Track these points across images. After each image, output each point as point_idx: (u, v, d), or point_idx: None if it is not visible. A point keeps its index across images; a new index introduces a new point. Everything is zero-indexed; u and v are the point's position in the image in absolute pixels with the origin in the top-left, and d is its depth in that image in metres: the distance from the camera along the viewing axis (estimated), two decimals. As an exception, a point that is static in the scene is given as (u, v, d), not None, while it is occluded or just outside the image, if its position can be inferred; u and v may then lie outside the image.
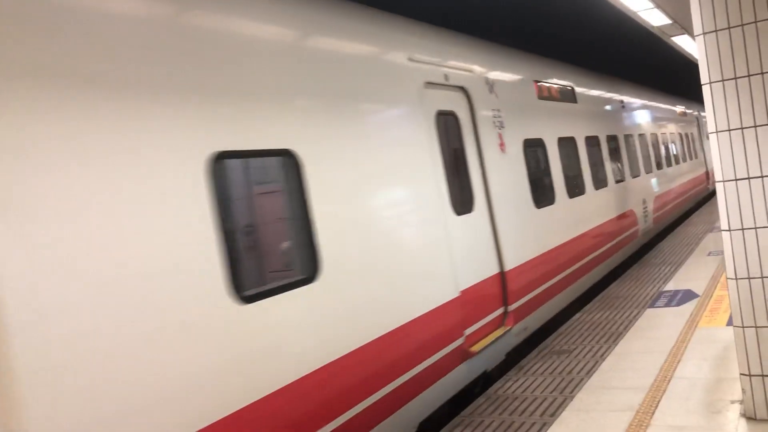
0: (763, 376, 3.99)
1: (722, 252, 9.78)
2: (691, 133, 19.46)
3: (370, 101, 4.81)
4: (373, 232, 4.48)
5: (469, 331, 5.38)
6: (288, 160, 3.89)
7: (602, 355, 5.79)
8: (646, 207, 11.83)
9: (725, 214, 4.01)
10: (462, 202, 5.69)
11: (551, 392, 5.08)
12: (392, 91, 5.04)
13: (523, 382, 5.41)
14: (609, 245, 9.45)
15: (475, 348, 5.39)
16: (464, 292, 5.36)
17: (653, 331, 6.32)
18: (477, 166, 6.02)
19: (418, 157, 5.09)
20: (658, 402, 4.55)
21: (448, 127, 5.75)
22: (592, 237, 8.66)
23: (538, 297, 6.78)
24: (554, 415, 4.62)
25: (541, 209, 7.22)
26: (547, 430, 4.40)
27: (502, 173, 6.39)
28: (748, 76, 3.87)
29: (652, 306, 7.29)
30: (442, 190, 5.34)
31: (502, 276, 6.09)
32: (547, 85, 8.42)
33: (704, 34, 3.94)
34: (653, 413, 4.38)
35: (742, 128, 3.92)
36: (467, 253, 5.54)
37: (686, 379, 4.91)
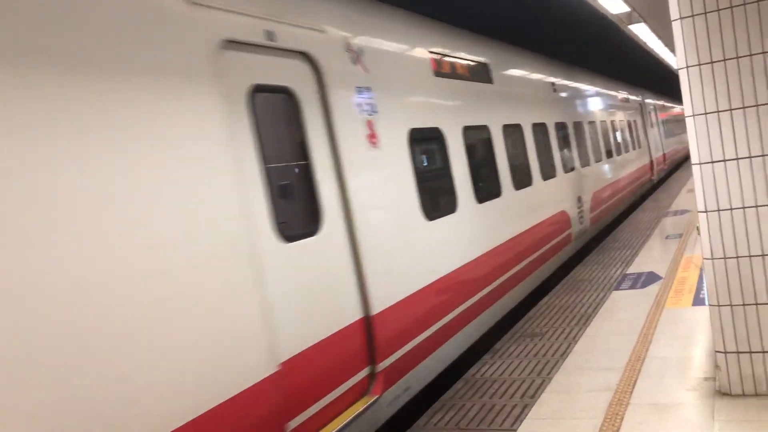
0: (738, 353, 4.11)
1: (680, 235, 10.10)
2: (635, 121, 17.79)
3: (95, 71, 2.87)
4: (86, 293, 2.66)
5: (297, 421, 3.68)
6: None
7: (574, 337, 5.89)
8: (581, 206, 10.41)
9: (702, 195, 4.10)
10: (298, 221, 4.13)
11: (528, 374, 5.14)
12: (147, 53, 3.12)
13: (500, 366, 5.46)
14: (532, 257, 7.84)
15: None
16: (288, 364, 3.64)
17: (621, 313, 6.45)
18: (328, 167, 4.26)
19: (203, 161, 3.30)
20: (635, 381, 4.64)
21: (275, 110, 4.17)
22: (508, 250, 7.06)
23: (429, 341, 5.11)
24: (534, 397, 4.68)
25: (435, 221, 5.53)
26: (529, 411, 4.45)
27: (372, 176, 4.72)
28: (724, 60, 3.95)
29: (617, 288, 7.44)
30: (257, 208, 3.62)
31: (366, 323, 4.39)
32: (450, 59, 6.60)
33: (681, 18, 4.01)
34: (631, 392, 4.47)
35: (718, 112, 4.00)
36: (300, 299, 3.83)
37: (659, 358, 5.03)
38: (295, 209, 4.17)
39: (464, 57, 7.05)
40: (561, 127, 10.08)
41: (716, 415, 3.93)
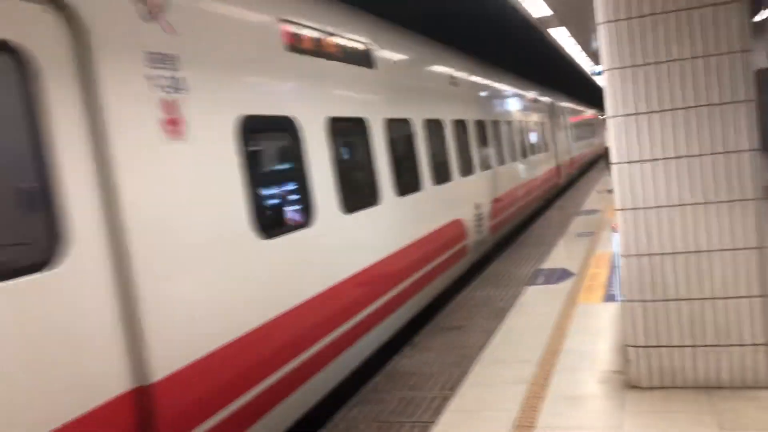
0: (647, 347, 4.28)
1: (591, 233, 10.46)
2: (543, 123, 16.94)
3: None
4: None
5: None
6: None
7: (492, 330, 6.00)
8: (480, 213, 9.35)
9: (619, 194, 4.24)
10: (21, 251, 2.80)
11: (448, 367, 5.20)
12: None
13: (419, 358, 5.49)
14: (420, 273, 6.65)
15: None
16: None
17: (537, 308, 6.62)
18: (83, 168, 2.95)
19: None
20: (550, 374, 4.77)
21: None
22: (387, 269, 5.89)
23: (259, 400, 3.86)
24: (453, 389, 4.73)
25: (277, 239, 4.27)
26: (449, 403, 4.49)
27: (169, 179, 3.43)
28: (644, 65, 4.10)
29: (532, 284, 7.64)
30: None
31: (138, 397, 3.05)
32: (314, 33, 5.21)
33: (606, 22, 4.13)
34: (547, 385, 4.58)
35: (636, 114, 4.15)
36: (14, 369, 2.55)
37: (572, 351, 5.19)
38: (18, 231, 2.91)
39: (336, 32, 5.67)
40: (459, 125, 8.94)
41: (626, 406, 4.08)
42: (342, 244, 5.15)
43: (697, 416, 3.82)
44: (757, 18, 13.53)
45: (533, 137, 15.13)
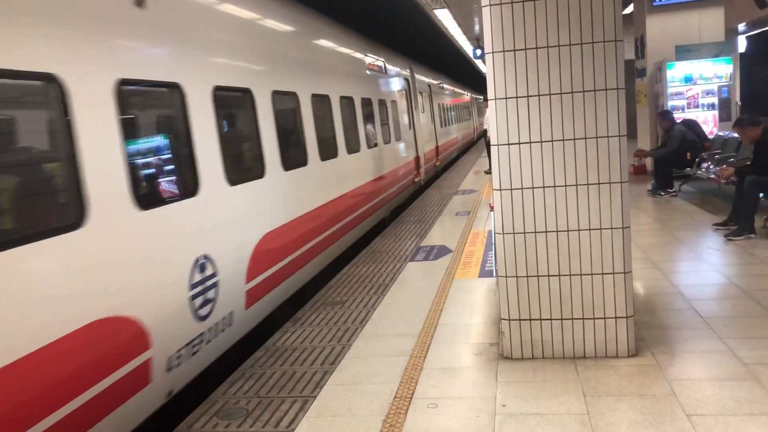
0: (519, 320, 4.49)
1: (468, 212, 10.83)
2: (395, 102, 12.97)
3: None
4: None
5: None
6: None
7: (373, 305, 6.08)
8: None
9: (497, 175, 4.39)
10: None
11: (329, 342, 5.22)
12: None
13: (301, 334, 5.48)
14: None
15: None
16: None
17: (416, 282, 6.78)
18: None
19: None
20: (428, 347, 4.91)
21: None
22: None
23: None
24: (334, 363, 4.76)
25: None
26: (329, 377, 4.52)
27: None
28: (525, 49, 4.24)
29: (412, 260, 7.80)
30: None
31: None
32: None
33: (491, 5, 4.23)
34: (425, 357, 4.71)
35: (516, 97, 4.30)
36: None
37: (450, 325, 5.36)
38: None
39: None
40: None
41: (499, 377, 4.28)
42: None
43: (563, 384, 4.07)
44: (626, 11, 14.38)
45: (388, 121, 11.99)
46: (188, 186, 4.67)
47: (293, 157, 6.89)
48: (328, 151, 8.09)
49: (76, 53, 3.63)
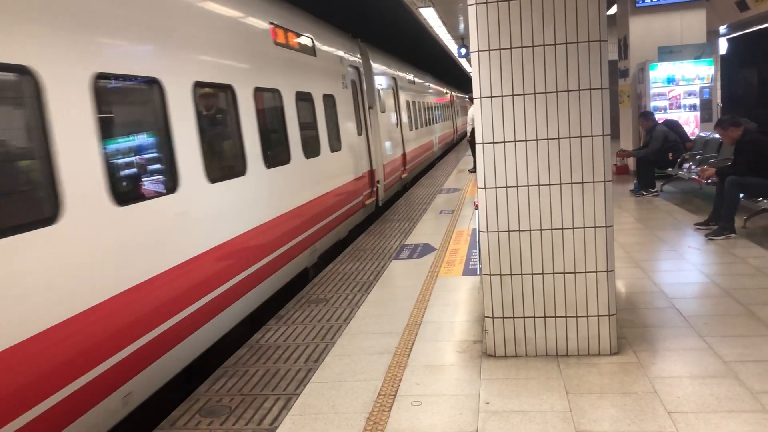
0: (503, 318, 4.51)
1: (452, 211, 10.85)
2: (334, 98, 9.39)
3: None
4: None
5: None
6: None
7: (357, 303, 6.08)
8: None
9: (482, 173, 4.40)
10: None
11: (313, 339, 5.21)
12: None
13: (284, 331, 5.46)
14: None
15: None
16: None
17: (400, 280, 6.79)
18: None
19: None
20: (412, 344, 4.91)
21: None
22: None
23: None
24: (318, 361, 4.75)
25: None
26: (313, 375, 4.51)
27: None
28: (510, 48, 4.25)
29: (396, 258, 7.81)
30: None
31: None
32: None
33: (477, 4, 4.24)
34: (409, 355, 4.72)
35: (502, 96, 4.31)
36: None
37: (433, 323, 5.37)
38: None
39: None
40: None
41: (483, 374, 4.29)
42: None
43: (546, 382, 4.09)
44: (610, 12, 14.48)
45: (318, 126, 8.43)
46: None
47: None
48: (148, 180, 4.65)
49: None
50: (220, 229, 5.25)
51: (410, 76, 18.60)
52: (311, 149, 7.89)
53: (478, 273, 5.43)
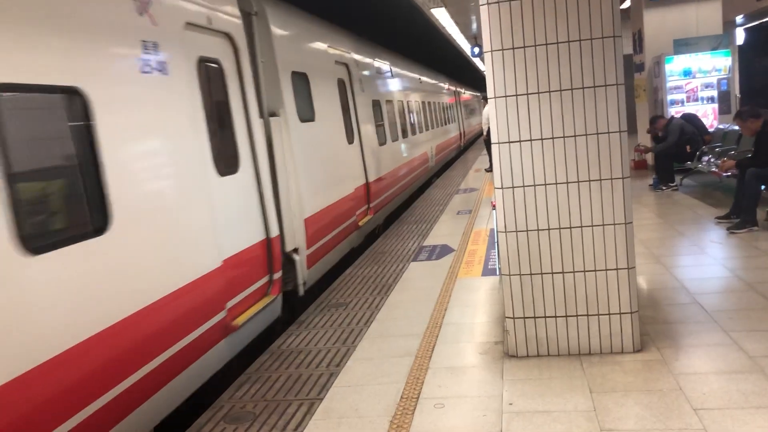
0: (524, 318, 4.50)
1: (470, 211, 10.81)
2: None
3: None
4: None
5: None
6: None
7: (377, 306, 6.09)
8: None
9: (499, 173, 4.39)
10: None
11: (334, 344, 5.22)
12: None
13: (305, 336, 5.48)
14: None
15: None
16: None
17: (419, 282, 6.78)
18: None
19: None
20: (433, 347, 4.91)
21: None
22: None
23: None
24: (339, 365, 4.76)
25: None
26: (335, 379, 4.52)
27: None
28: (524, 47, 4.24)
29: (415, 260, 7.80)
30: None
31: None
32: None
33: (489, 4, 4.23)
34: (430, 357, 4.71)
35: (516, 95, 4.30)
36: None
37: (454, 324, 5.36)
38: None
39: None
40: None
41: (505, 375, 4.28)
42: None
43: (569, 381, 4.07)
44: (623, 6, 14.38)
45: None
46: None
47: None
48: None
49: None
50: None
51: (381, 63, 12.34)
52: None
53: (497, 273, 5.42)
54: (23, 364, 2.92)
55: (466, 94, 33.27)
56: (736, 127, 9.34)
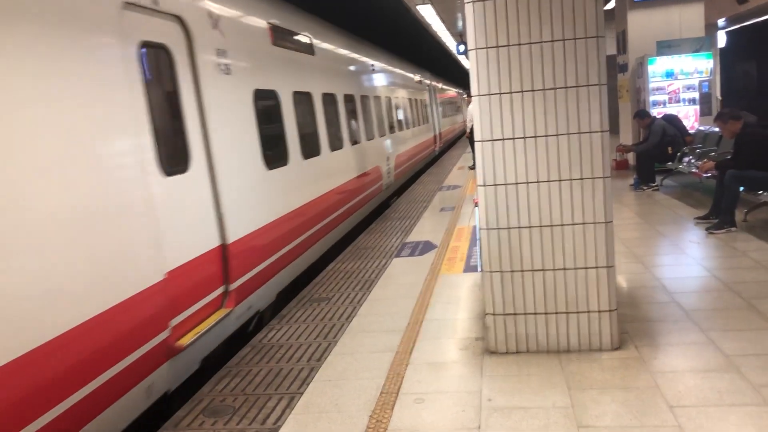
0: (504, 314, 4.53)
1: (453, 208, 10.85)
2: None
3: None
4: None
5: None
6: None
7: (359, 301, 6.09)
8: None
9: (482, 171, 4.42)
10: None
11: (315, 338, 5.23)
12: None
13: (287, 330, 5.48)
14: None
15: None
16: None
17: (402, 278, 6.80)
18: None
19: None
20: (414, 342, 4.93)
21: None
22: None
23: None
24: (320, 360, 4.77)
25: None
26: (316, 374, 4.52)
27: None
28: (508, 45, 4.26)
29: (397, 256, 7.82)
30: None
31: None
32: None
33: (474, 1, 4.25)
34: (411, 352, 4.73)
35: (500, 93, 4.32)
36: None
37: (435, 320, 5.39)
38: None
39: None
40: None
41: (484, 371, 4.31)
42: None
43: (548, 378, 4.10)
44: (608, 7, 14.48)
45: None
46: None
47: None
48: None
49: None
50: None
51: (284, 24, 7.75)
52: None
53: (479, 270, 5.45)
54: None
55: (446, 89, 30.23)
56: (717, 129, 9.44)
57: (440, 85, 27.78)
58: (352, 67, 11.36)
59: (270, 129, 6.71)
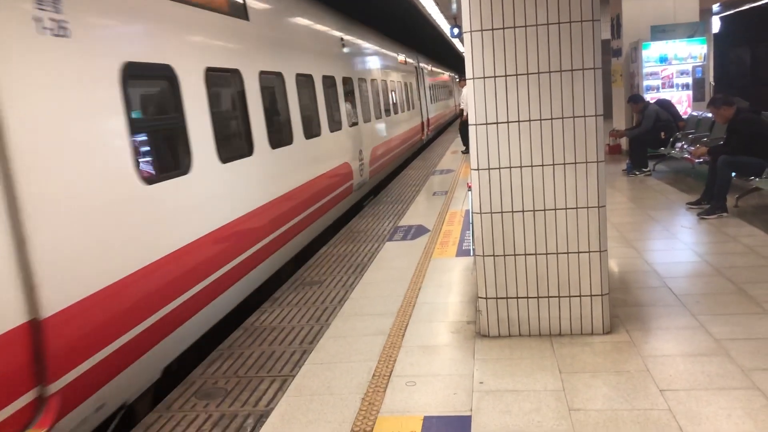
0: (496, 298, 4.54)
1: (446, 192, 10.84)
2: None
3: None
4: None
5: None
6: None
7: (351, 284, 6.09)
8: None
9: (475, 154, 4.40)
10: None
11: (308, 321, 5.23)
12: None
13: (279, 313, 5.48)
14: None
15: None
16: None
17: (394, 262, 6.80)
18: None
19: None
20: (407, 325, 4.94)
21: None
22: None
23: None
24: (313, 343, 4.77)
25: None
26: (308, 357, 4.53)
27: None
28: (503, 28, 4.23)
29: (390, 239, 7.82)
30: None
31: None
32: None
33: (469, -16, 4.21)
34: (403, 335, 4.74)
35: (494, 77, 4.30)
36: None
37: (427, 304, 5.39)
38: None
39: None
40: None
41: (476, 354, 4.32)
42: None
43: (539, 361, 4.12)
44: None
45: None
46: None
47: None
48: None
49: None
50: None
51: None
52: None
53: (471, 254, 5.46)
54: None
55: (437, 71, 28.13)
56: (710, 115, 9.45)
57: (430, 67, 25.77)
58: (312, 41, 9.16)
59: (156, 122, 4.86)
